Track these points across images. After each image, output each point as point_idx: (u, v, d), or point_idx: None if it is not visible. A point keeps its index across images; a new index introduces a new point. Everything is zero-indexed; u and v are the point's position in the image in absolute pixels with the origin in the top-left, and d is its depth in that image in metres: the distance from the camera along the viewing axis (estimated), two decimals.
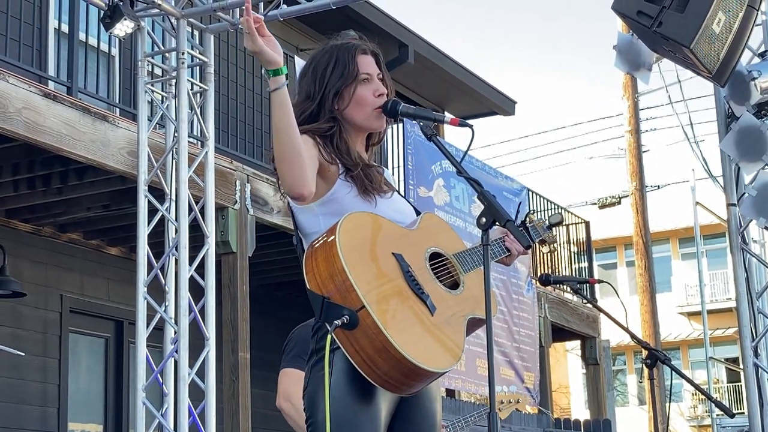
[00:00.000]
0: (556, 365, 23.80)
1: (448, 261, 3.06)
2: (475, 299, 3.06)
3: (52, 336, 8.89)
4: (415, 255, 2.97)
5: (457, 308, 2.99)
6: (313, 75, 3.11)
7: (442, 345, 2.90)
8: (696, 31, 5.20)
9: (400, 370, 2.79)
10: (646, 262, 16.36)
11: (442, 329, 2.91)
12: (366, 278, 2.82)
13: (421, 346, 2.82)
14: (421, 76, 13.52)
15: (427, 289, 2.93)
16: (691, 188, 13.06)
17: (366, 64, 3.12)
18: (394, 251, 2.92)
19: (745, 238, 6.81)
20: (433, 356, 2.84)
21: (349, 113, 3.09)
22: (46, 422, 8.74)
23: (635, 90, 17.00)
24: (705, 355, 12.61)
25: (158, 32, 7.59)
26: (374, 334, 2.76)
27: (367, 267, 2.85)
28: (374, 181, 3.07)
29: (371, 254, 2.89)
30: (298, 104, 3.09)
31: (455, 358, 2.91)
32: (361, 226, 2.93)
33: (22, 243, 8.70)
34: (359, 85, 3.09)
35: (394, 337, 2.76)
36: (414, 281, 2.90)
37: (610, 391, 15.20)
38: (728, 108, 6.69)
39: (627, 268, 31.56)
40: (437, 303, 2.92)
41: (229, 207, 8.49)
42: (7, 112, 6.77)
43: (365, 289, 2.79)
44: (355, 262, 2.82)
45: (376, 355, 2.78)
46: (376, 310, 2.77)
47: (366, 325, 2.77)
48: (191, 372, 6.39)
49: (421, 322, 2.86)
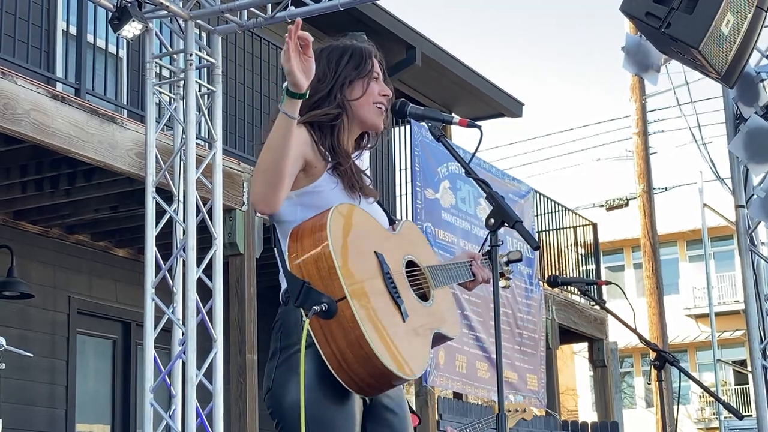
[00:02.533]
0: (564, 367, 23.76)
1: (420, 272, 3.06)
2: (442, 315, 3.08)
3: (60, 337, 8.91)
4: (394, 258, 2.97)
5: (426, 320, 2.99)
6: (327, 60, 3.11)
7: (413, 352, 2.88)
8: (704, 33, 5.19)
9: (369, 369, 2.76)
10: (653, 264, 16.34)
11: (412, 338, 2.90)
12: (350, 270, 2.79)
13: (392, 348, 2.80)
14: (429, 78, 13.52)
15: (402, 295, 2.92)
16: (698, 190, 13.04)
17: (377, 66, 3.17)
18: (376, 250, 2.91)
19: (754, 239, 6.80)
20: (402, 361, 2.82)
21: (356, 105, 3.11)
22: (54, 423, 8.75)
23: (643, 92, 16.98)
24: (713, 357, 12.58)
25: (166, 34, 7.60)
26: (350, 327, 2.73)
27: (352, 260, 2.82)
28: (361, 181, 3.08)
29: (356, 248, 2.87)
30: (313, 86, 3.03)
31: (422, 368, 2.91)
32: (351, 217, 2.91)
33: (30, 244, 8.71)
34: (370, 81, 3.12)
35: (368, 333, 2.73)
36: (392, 284, 2.90)
37: (618, 393, 15.17)
38: (737, 109, 6.68)
39: (634, 270, 31.51)
40: (410, 311, 2.91)
41: (236, 209, 8.49)
42: (15, 113, 6.78)
43: (349, 280, 2.76)
44: (341, 252, 2.79)
45: (348, 349, 2.74)
46: (357, 303, 2.74)
47: (343, 317, 2.73)
48: (199, 373, 6.39)
49: (393, 325, 2.84)
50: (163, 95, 6.86)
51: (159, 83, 6.87)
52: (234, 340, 8.34)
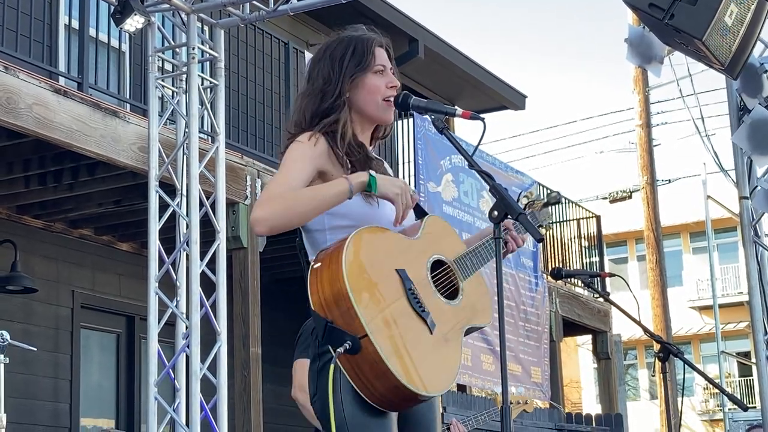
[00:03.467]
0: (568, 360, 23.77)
1: (448, 269, 3.06)
2: (473, 307, 3.07)
3: (64, 332, 8.91)
4: (417, 267, 2.97)
5: (455, 321, 3.00)
6: (330, 60, 3.11)
7: (440, 366, 2.92)
8: (708, 24, 5.18)
9: (399, 395, 2.83)
10: (657, 257, 16.33)
11: (440, 348, 2.93)
12: (370, 304, 2.83)
13: (420, 370, 2.85)
14: (431, 71, 13.50)
15: (428, 305, 2.93)
16: (702, 182, 13.02)
17: (381, 56, 3.14)
18: (397, 267, 2.92)
19: (758, 231, 6.79)
20: (431, 380, 2.86)
21: (361, 103, 3.09)
22: (58, 418, 8.76)
23: (646, 84, 16.95)
24: (717, 349, 12.57)
25: (168, 28, 7.59)
26: (375, 362, 2.79)
27: (372, 291, 2.86)
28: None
29: (376, 274, 2.89)
30: (319, 88, 3.08)
31: (452, 379, 2.95)
32: (368, 244, 2.91)
33: (34, 239, 8.71)
34: (374, 76, 3.10)
35: (394, 366, 2.78)
36: (416, 299, 2.91)
37: (622, 385, 15.17)
38: (740, 101, 6.67)
39: (638, 262, 31.50)
40: (437, 318, 2.93)
41: (239, 202, 8.49)
42: (18, 108, 6.78)
43: (369, 316, 2.80)
44: (359, 286, 2.82)
45: (376, 380, 2.81)
46: (378, 338, 2.79)
47: (368, 353, 2.79)
48: (203, 367, 6.39)
49: (421, 343, 2.88)
50: (166, 89, 6.86)
51: (161, 77, 6.86)
52: (238, 333, 8.34)
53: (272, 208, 2.85)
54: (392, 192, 2.94)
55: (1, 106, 6.67)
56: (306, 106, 3.10)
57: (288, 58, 9.93)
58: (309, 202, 2.88)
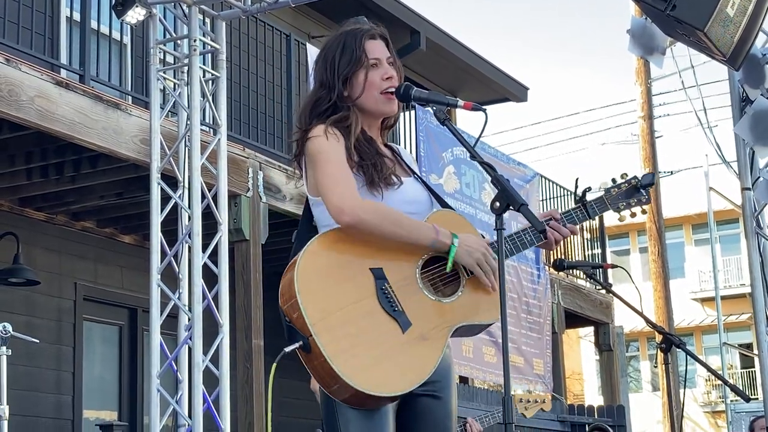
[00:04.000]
0: (570, 352, 23.77)
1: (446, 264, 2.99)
2: (475, 304, 2.99)
3: (67, 324, 8.92)
4: (402, 265, 2.93)
5: (441, 319, 2.93)
6: (323, 62, 3.10)
7: (406, 365, 2.87)
8: (710, 15, 5.16)
9: (353, 394, 2.83)
10: (659, 248, 16.32)
11: (411, 348, 2.88)
12: (321, 305, 2.85)
13: (373, 370, 2.83)
14: (433, 63, 13.49)
15: (405, 304, 2.89)
16: (704, 174, 12.98)
17: (374, 49, 3.08)
18: (373, 266, 2.90)
19: (760, 222, 6.77)
20: (386, 380, 2.84)
21: (360, 101, 3.06)
22: (61, 410, 8.77)
23: (648, 75, 16.93)
24: (719, 340, 12.55)
25: (170, 19, 7.57)
26: (321, 362, 2.83)
27: (327, 293, 2.87)
28: (383, 172, 3.02)
29: (339, 276, 2.89)
30: (314, 92, 3.10)
31: (419, 379, 2.88)
32: (337, 244, 2.91)
33: (36, 231, 8.72)
34: (368, 71, 3.05)
35: (339, 366, 2.80)
36: (388, 298, 2.88)
37: (624, 377, 15.16)
38: (742, 92, 6.65)
39: (640, 254, 31.47)
40: (416, 317, 2.89)
41: (241, 194, 8.49)
42: (19, 100, 6.78)
43: (316, 317, 2.83)
44: (312, 288, 2.86)
45: (328, 379, 2.84)
46: (323, 338, 2.82)
47: (315, 353, 2.83)
48: (205, 359, 6.39)
49: (383, 343, 2.85)
50: (167, 81, 6.85)
51: (163, 69, 6.85)
52: (240, 325, 8.35)
53: (373, 215, 2.88)
54: (469, 263, 2.95)
55: (3, 99, 6.67)
56: (306, 107, 3.11)
57: (290, 50, 9.92)
58: (397, 230, 2.90)
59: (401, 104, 3.16)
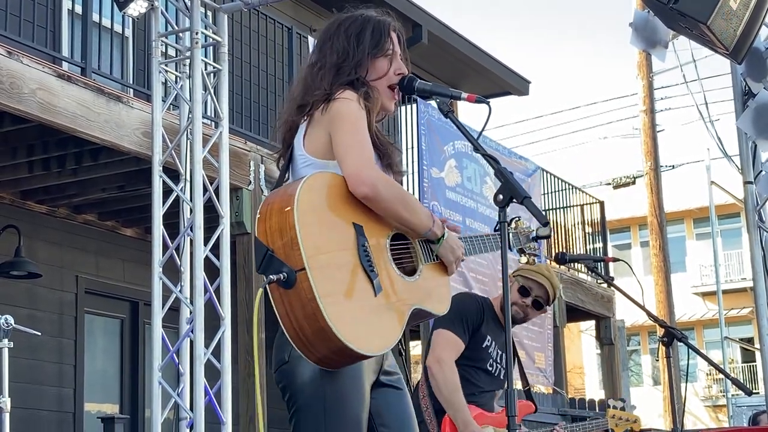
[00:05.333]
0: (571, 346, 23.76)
1: (411, 245, 2.96)
2: (428, 291, 2.95)
3: (68, 317, 8.93)
4: (377, 230, 2.87)
5: (405, 295, 2.88)
6: (346, 35, 3.05)
7: (376, 329, 2.78)
8: (713, 8, 5.16)
9: (326, 343, 2.69)
10: (660, 242, 16.31)
11: (381, 312, 2.80)
12: (315, 241, 2.71)
13: (352, 323, 2.71)
14: (435, 56, 13.47)
15: (379, 268, 2.82)
16: (705, 168, 12.98)
17: (395, 42, 3.11)
18: (356, 221, 2.82)
19: (762, 216, 6.77)
20: (363, 337, 2.72)
21: (373, 85, 3.06)
22: (63, 403, 8.78)
23: (650, 69, 16.91)
24: (720, 335, 12.56)
25: (172, 12, 7.56)
26: (307, 299, 2.67)
27: (321, 230, 2.75)
28: (393, 158, 3.03)
29: (330, 219, 2.79)
30: (333, 63, 3.02)
31: (386, 345, 2.80)
32: (330, 187, 2.82)
33: (38, 224, 8.72)
34: (387, 60, 3.07)
35: (326, 308, 2.65)
36: (367, 256, 2.80)
37: (625, 371, 15.17)
38: (745, 85, 6.65)
39: (641, 248, 31.47)
40: (385, 285, 2.82)
41: (243, 187, 8.48)
42: (21, 92, 6.77)
43: (311, 251, 2.69)
44: (308, 221, 2.72)
45: (305, 321, 2.69)
46: (316, 275, 2.67)
47: (301, 288, 2.67)
48: (207, 352, 6.40)
49: (360, 299, 2.75)
50: (169, 74, 6.84)
51: (165, 62, 6.85)
52: (242, 318, 8.35)
53: (390, 192, 2.84)
54: (449, 259, 2.99)
55: (5, 91, 6.67)
56: (323, 77, 3.01)
57: (291, 43, 9.91)
58: (404, 212, 2.88)
59: (401, 98, 3.16)
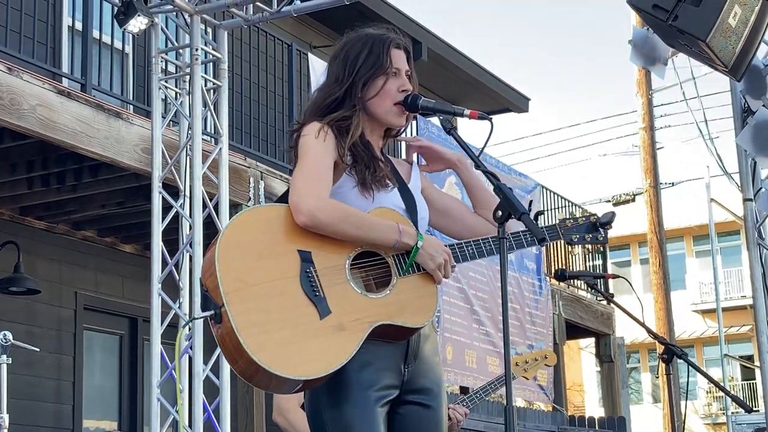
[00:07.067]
0: (570, 363, 23.74)
1: (383, 261, 2.93)
2: (402, 304, 2.90)
3: (67, 333, 8.91)
4: (336, 252, 2.88)
5: (364, 313, 2.85)
6: (344, 60, 3.08)
7: (316, 352, 2.78)
8: (712, 25, 5.17)
9: (259, 372, 2.75)
10: (660, 260, 16.29)
11: (326, 335, 2.80)
12: (240, 275, 2.79)
13: (281, 350, 2.75)
14: (435, 74, 13.50)
15: (329, 292, 2.83)
16: (705, 185, 12.98)
17: (397, 58, 3.11)
18: (303, 248, 2.85)
19: (762, 233, 6.77)
20: (294, 363, 2.75)
21: (372, 104, 3.07)
22: (61, 419, 8.75)
23: (649, 87, 16.93)
24: (720, 352, 12.54)
25: (172, 29, 7.58)
26: (229, 332, 2.75)
27: (249, 264, 2.81)
28: (377, 174, 3.02)
29: (266, 251, 2.83)
30: (326, 87, 3.08)
31: (326, 368, 2.79)
32: (271, 220, 2.87)
33: (37, 240, 8.71)
34: (388, 78, 3.07)
35: (246, 339, 2.73)
36: (310, 282, 2.82)
37: (625, 388, 15.14)
38: (744, 102, 6.65)
39: (641, 265, 31.46)
40: (336, 307, 2.81)
41: (243, 204, 8.49)
42: (21, 109, 6.78)
43: (232, 286, 2.77)
44: (233, 256, 2.80)
45: (236, 353, 2.77)
46: (234, 309, 2.75)
47: (225, 322, 2.76)
48: (206, 368, 6.39)
49: (297, 325, 2.78)
50: (169, 90, 6.86)
51: (165, 78, 6.87)
52: None
53: (330, 216, 2.85)
54: (430, 267, 2.93)
55: (5, 108, 6.68)
56: (314, 100, 3.11)
57: (291, 60, 9.93)
58: (355, 231, 2.87)
59: (410, 117, 3.16)
